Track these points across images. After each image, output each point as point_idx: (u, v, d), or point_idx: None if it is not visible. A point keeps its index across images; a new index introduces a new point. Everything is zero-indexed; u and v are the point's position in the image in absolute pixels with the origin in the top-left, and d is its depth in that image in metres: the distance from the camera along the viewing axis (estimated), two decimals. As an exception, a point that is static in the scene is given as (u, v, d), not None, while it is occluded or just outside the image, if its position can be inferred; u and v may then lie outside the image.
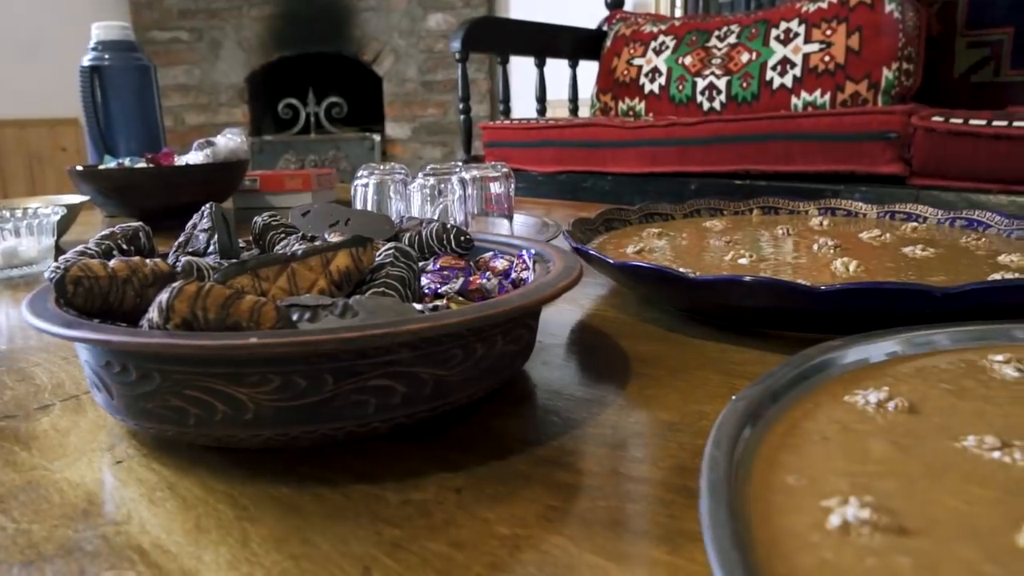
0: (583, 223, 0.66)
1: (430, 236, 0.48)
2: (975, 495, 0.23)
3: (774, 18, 1.89)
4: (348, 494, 0.30)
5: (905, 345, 0.36)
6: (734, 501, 0.22)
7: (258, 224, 0.49)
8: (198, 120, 3.40)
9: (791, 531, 0.21)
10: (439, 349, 0.32)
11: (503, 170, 0.73)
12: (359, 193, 0.72)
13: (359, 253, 0.38)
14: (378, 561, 0.25)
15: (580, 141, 1.75)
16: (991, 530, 0.21)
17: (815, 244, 0.60)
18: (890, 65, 1.66)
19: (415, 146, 3.38)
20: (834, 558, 0.20)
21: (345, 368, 0.31)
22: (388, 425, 0.33)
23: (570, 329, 0.52)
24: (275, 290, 0.37)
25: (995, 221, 0.66)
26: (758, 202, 0.79)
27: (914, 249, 0.58)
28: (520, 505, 0.28)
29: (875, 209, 0.75)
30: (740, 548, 0.19)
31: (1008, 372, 0.34)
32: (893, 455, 0.26)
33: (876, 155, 1.28)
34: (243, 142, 1.18)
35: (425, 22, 3.26)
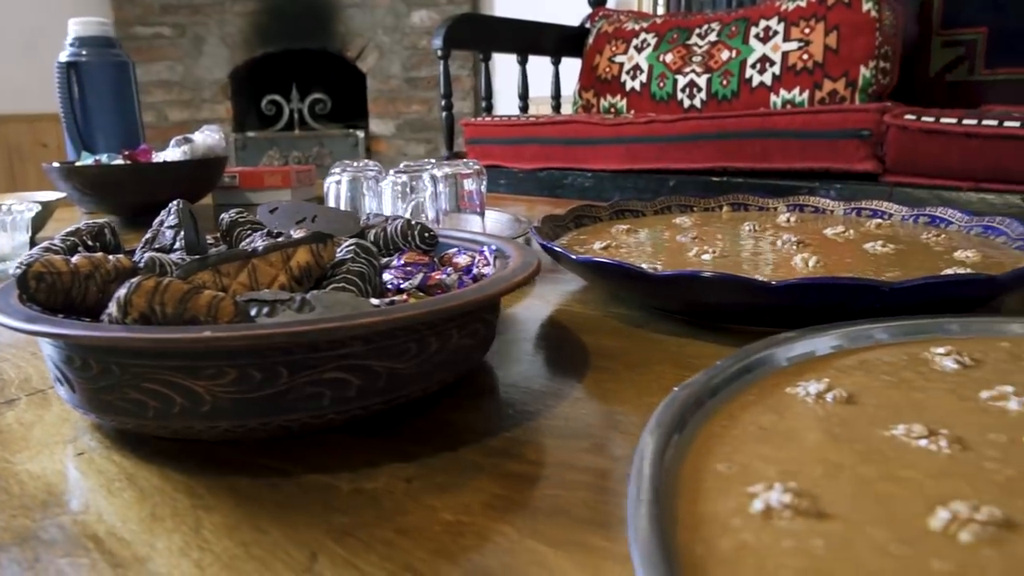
0: (553, 220, 0.67)
1: (395, 232, 0.49)
2: (896, 481, 0.24)
3: (754, 16, 1.90)
4: (302, 484, 0.30)
5: (850, 339, 0.37)
6: (662, 487, 0.23)
7: (225, 220, 0.50)
8: (181, 116, 3.39)
9: (714, 515, 0.22)
10: (393, 343, 0.33)
11: (475, 167, 0.74)
12: (332, 190, 0.73)
13: (319, 249, 0.39)
14: (325, 547, 0.26)
15: (560, 138, 1.76)
16: (906, 514, 0.22)
17: (779, 240, 0.61)
18: (867, 64, 1.67)
19: (399, 143, 3.38)
20: (753, 540, 0.21)
21: (299, 361, 0.31)
22: (343, 417, 0.33)
23: (536, 324, 0.53)
24: (236, 285, 0.38)
25: (956, 218, 0.68)
26: (728, 199, 0.80)
27: (875, 245, 0.59)
28: (467, 494, 0.29)
29: (842, 206, 0.77)
30: (659, 531, 0.20)
31: (948, 364, 0.35)
32: (824, 444, 0.27)
33: (850, 153, 1.30)
34: (221, 139, 1.18)
35: (409, 19, 3.26)
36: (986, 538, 0.21)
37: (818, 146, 1.33)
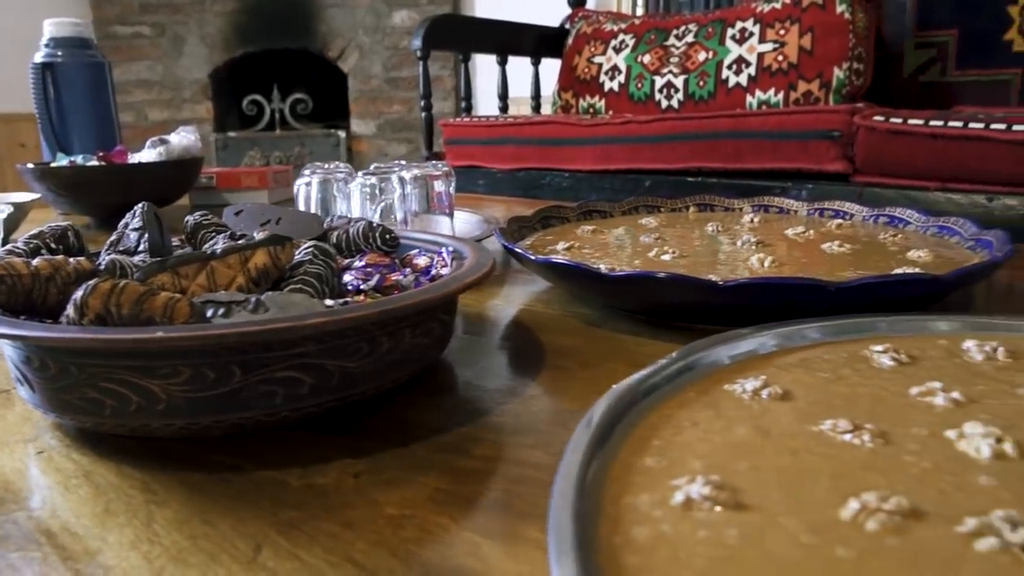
0: (519, 221, 0.68)
1: (357, 234, 0.50)
2: (816, 474, 0.25)
3: (730, 18, 1.92)
4: (254, 479, 0.31)
5: (786, 338, 0.38)
6: (591, 480, 0.24)
7: (190, 223, 0.51)
8: (161, 116, 3.38)
9: (637, 507, 0.23)
10: (345, 342, 0.34)
11: (444, 169, 0.75)
12: (302, 192, 0.74)
13: (277, 251, 0.40)
14: (270, 539, 0.27)
15: (538, 138, 1.77)
16: (820, 505, 0.23)
17: (739, 241, 0.63)
18: (841, 65, 1.69)
19: (380, 143, 3.38)
20: (670, 531, 0.22)
21: (252, 360, 0.32)
22: (297, 415, 0.34)
23: (498, 324, 0.54)
24: (194, 287, 0.38)
25: (914, 219, 0.69)
26: (695, 200, 0.82)
27: (832, 245, 0.60)
28: (413, 489, 0.30)
29: (805, 207, 0.78)
30: (578, 521, 0.21)
31: (885, 361, 0.36)
32: (753, 438, 0.28)
33: (821, 153, 1.31)
34: (197, 140, 1.18)
35: (390, 19, 3.26)
36: (891, 527, 0.22)
37: (790, 147, 1.35)
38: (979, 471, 0.25)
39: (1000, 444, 0.27)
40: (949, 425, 0.29)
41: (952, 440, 0.28)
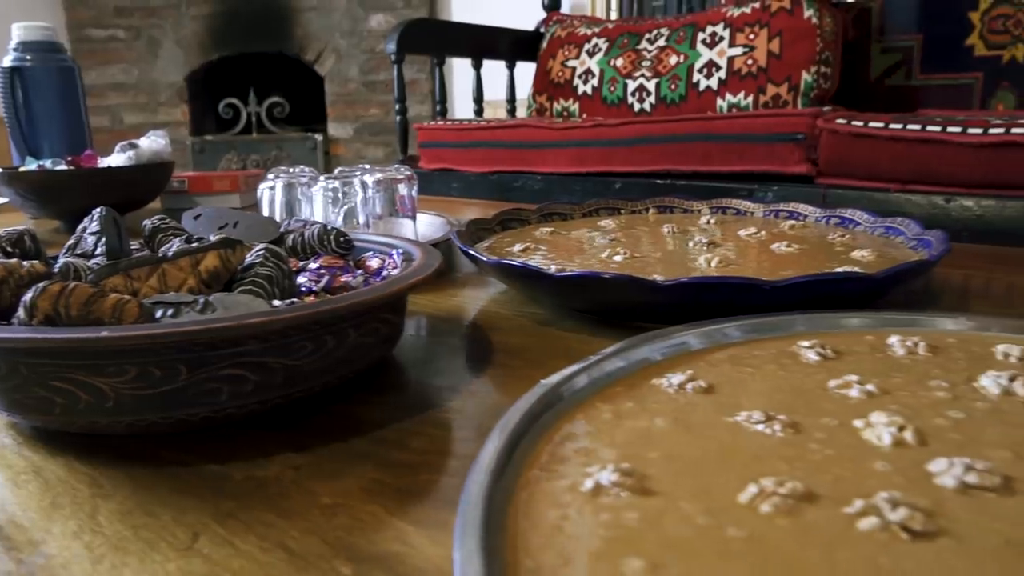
0: (479, 223, 0.70)
1: (312, 237, 0.51)
2: (723, 462, 0.27)
3: (701, 22, 1.94)
4: (198, 473, 0.32)
5: (714, 335, 0.39)
6: (508, 468, 0.26)
7: (148, 227, 0.52)
8: (137, 119, 3.37)
9: (549, 493, 0.25)
10: (288, 341, 0.35)
11: (407, 173, 0.76)
12: (265, 196, 0.75)
13: (227, 254, 0.41)
14: (209, 528, 0.28)
15: (510, 142, 1.78)
16: (721, 490, 0.25)
17: (691, 241, 0.64)
18: (809, 68, 1.72)
19: (358, 146, 3.39)
20: (575, 514, 0.23)
21: (197, 359, 0.33)
22: (242, 411, 0.35)
23: (451, 323, 0.55)
24: (146, 289, 0.39)
25: (864, 219, 0.71)
26: (654, 202, 0.83)
27: (780, 246, 0.62)
28: (349, 480, 0.31)
29: (761, 208, 0.80)
30: (488, 504, 0.22)
31: (811, 356, 0.38)
32: (668, 429, 0.29)
33: (786, 156, 1.34)
34: (167, 144, 1.19)
35: (367, 22, 3.27)
36: (784, 509, 0.23)
37: (756, 149, 1.37)
38: (877, 458, 0.27)
39: (901, 432, 0.28)
40: (858, 415, 0.30)
41: (859, 429, 0.29)
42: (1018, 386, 0.33)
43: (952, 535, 0.22)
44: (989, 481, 0.25)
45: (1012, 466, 0.26)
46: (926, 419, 0.30)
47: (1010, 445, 0.28)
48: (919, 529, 0.22)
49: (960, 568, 0.20)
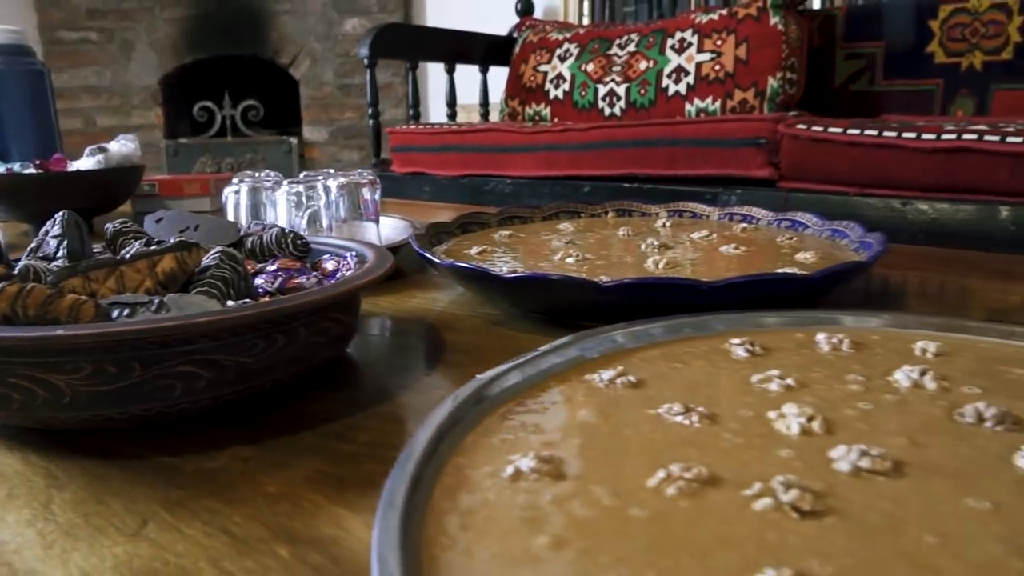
0: (438, 227, 0.71)
1: (270, 240, 0.53)
2: (639, 450, 0.29)
3: (670, 28, 1.97)
4: (151, 465, 0.34)
5: (640, 336, 0.41)
6: (437, 455, 0.27)
7: (110, 230, 0.53)
8: (110, 122, 3.35)
9: (472, 479, 0.26)
10: (239, 339, 0.37)
11: (370, 177, 0.78)
12: (230, 200, 0.76)
13: (184, 256, 0.43)
14: (157, 515, 0.29)
15: (481, 146, 1.80)
16: (632, 475, 0.27)
17: (644, 244, 0.66)
18: (775, 74, 1.75)
19: (333, 149, 3.39)
20: (493, 497, 0.25)
21: (150, 356, 0.35)
22: (195, 407, 0.37)
23: (407, 324, 0.57)
24: (104, 290, 0.41)
25: (812, 222, 0.73)
26: (613, 205, 0.85)
27: (729, 248, 0.64)
28: (294, 471, 0.33)
29: (717, 211, 0.82)
30: (410, 488, 0.24)
31: (740, 353, 0.40)
32: (592, 420, 0.31)
33: (749, 160, 1.37)
34: (137, 148, 1.20)
35: (341, 26, 3.27)
36: (688, 492, 0.25)
37: (720, 154, 1.40)
38: (784, 446, 0.29)
39: (809, 422, 0.31)
40: (773, 407, 0.32)
41: (771, 420, 0.31)
42: (927, 380, 0.35)
43: (838, 514, 0.24)
44: (880, 465, 0.27)
45: (906, 452, 0.28)
46: (837, 410, 0.32)
47: (908, 433, 0.30)
48: (808, 508, 0.24)
49: (838, 542, 0.22)
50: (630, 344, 0.41)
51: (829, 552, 0.22)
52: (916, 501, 0.25)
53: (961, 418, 0.31)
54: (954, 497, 0.25)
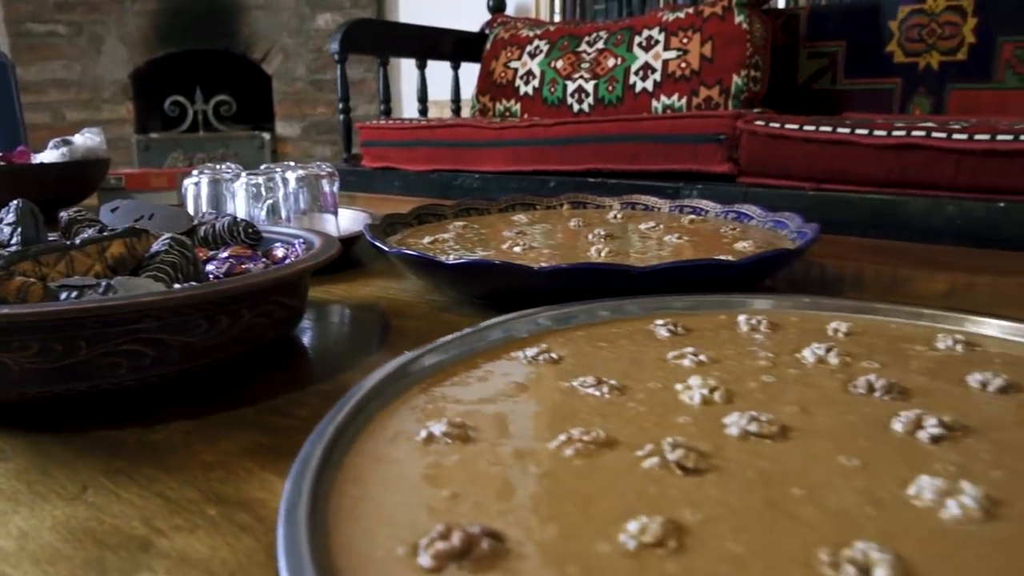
0: (394, 218, 0.73)
1: (222, 229, 0.54)
2: (547, 417, 0.31)
3: (638, 26, 2.00)
4: (96, 438, 0.36)
5: (560, 319, 0.44)
6: (357, 420, 0.29)
7: (64, 218, 0.54)
8: (79, 116, 3.33)
9: (388, 440, 0.28)
10: (183, 319, 0.38)
11: (328, 170, 0.80)
12: (190, 191, 0.77)
13: (133, 242, 0.44)
14: (97, 481, 0.31)
15: (450, 141, 1.82)
16: (536, 439, 0.29)
17: (591, 234, 0.68)
18: (739, 72, 1.78)
19: (305, 144, 3.39)
20: (405, 457, 0.27)
21: (96, 335, 0.37)
22: (141, 384, 0.39)
23: (357, 309, 0.59)
24: (54, 274, 0.42)
25: (756, 214, 0.76)
26: (568, 198, 0.88)
27: (672, 238, 0.67)
28: (232, 442, 0.35)
29: (668, 204, 0.85)
30: (329, 447, 0.26)
31: (662, 333, 0.42)
32: (506, 390, 0.34)
33: (709, 156, 1.39)
34: (102, 141, 1.21)
35: (314, 21, 3.28)
36: (584, 453, 0.27)
37: (681, 149, 1.43)
38: (682, 413, 0.31)
39: (711, 393, 0.33)
40: (682, 380, 0.34)
41: (677, 391, 0.33)
42: (831, 356, 0.38)
43: (719, 471, 0.26)
44: (767, 430, 0.29)
45: (795, 419, 0.31)
46: (741, 383, 0.35)
47: (802, 402, 0.32)
48: (691, 466, 0.26)
49: (712, 494, 0.25)
50: (556, 326, 0.43)
51: (702, 503, 0.24)
52: (793, 460, 0.27)
53: (854, 389, 0.34)
54: (829, 456, 0.27)
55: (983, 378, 0.35)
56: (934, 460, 0.27)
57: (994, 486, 0.25)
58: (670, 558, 0.21)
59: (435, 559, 0.21)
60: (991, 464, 0.27)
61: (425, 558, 0.21)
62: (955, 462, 0.27)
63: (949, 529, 0.23)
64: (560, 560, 0.21)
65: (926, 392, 0.34)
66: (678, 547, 0.22)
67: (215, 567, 0.25)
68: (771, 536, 0.22)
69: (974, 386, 0.34)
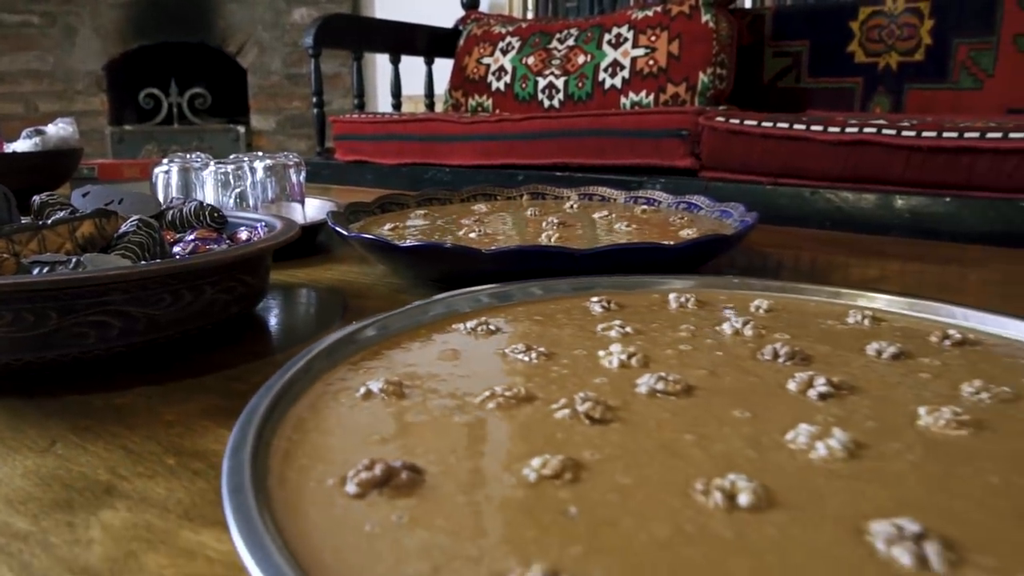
0: (358, 206, 0.76)
1: (189, 213, 0.57)
2: (475, 377, 0.34)
3: (607, 24, 2.03)
4: (64, 402, 0.39)
5: (519, 292, 0.47)
6: (304, 378, 0.32)
7: (36, 202, 0.57)
8: (53, 107, 3.32)
9: (330, 395, 0.32)
10: (147, 293, 0.41)
11: (295, 160, 0.82)
12: (160, 180, 0.80)
13: (102, 223, 0.47)
14: (66, 437, 0.34)
15: (421, 135, 1.85)
16: (464, 394, 0.32)
17: (545, 222, 0.72)
18: (705, 69, 1.82)
19: (280, 138, 3.40)
20: (345, 410, 0.30)
21: (66, 306, 0.39)
22: (109, 353, 0.42)
23: (319, 290, 0.62)
24: (26, 251, 0.45)
25: (705, 205, 0.80)
26: (528, 189, 0.91)
27: (622, 226, 0.70)
28: (192, 404, 0.38)
29: (624, 195, 0.88)
30: (275, 400, 0.29)
31: (596, 309, 0.46)
32: (446, 356, 0.37)
33: (672, 150, 1.43)
34: (75, 131, 1.22)
35: (290, 16, 3.29)
36: (506, 406, 0.31)
37: (645, 144, 1.46)
38: (601, 375, 0.35)
39: (630, 359, 0.36)
40: (605, 348, 0.38)
41: (600, 357, 0.37)
42: (747, 328, 0.41)
43: (623, 421, 0.30)
44: (673, 388, 0.33)
45: (702, 380, 0.34)
46: (659, 350, 0.38)
47: (710, 367, 0.36)
48: (598, 416, 0.30)
49: (612, 439, 0.28)
50: (495, 303, 0.46)
51: (602, 446, 0.28)
52: (692, 413, 0.31)
53: (761, 356, 0.37)
54: (724, 410, 0.31)
55: (879, 347, 0.38)
56: (817, 413, 0.31)
57: (864, 433, 0.29)
58: (564, 487, 0.24)
59: (359, 486, 0.24)
60: (867, 416, 0.31)
61: (351, 486, 0.24)
62: (835, 415, 0.31)
63: (814, 466, 0.26)
64: (468, 489, 0.24)
65: (826, 359, 0.38)
66: (573, 479, 0.25)
67: (171, 505, 0.28)
68: (657, 471, 0.26)
69: (870, 354, 0.38)
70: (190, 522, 0.27)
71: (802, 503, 0.24)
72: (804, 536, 0.22)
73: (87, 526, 0.27)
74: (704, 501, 0.24)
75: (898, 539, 0.21)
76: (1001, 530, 0.23)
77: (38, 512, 0.28)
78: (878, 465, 0.27)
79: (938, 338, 0.40)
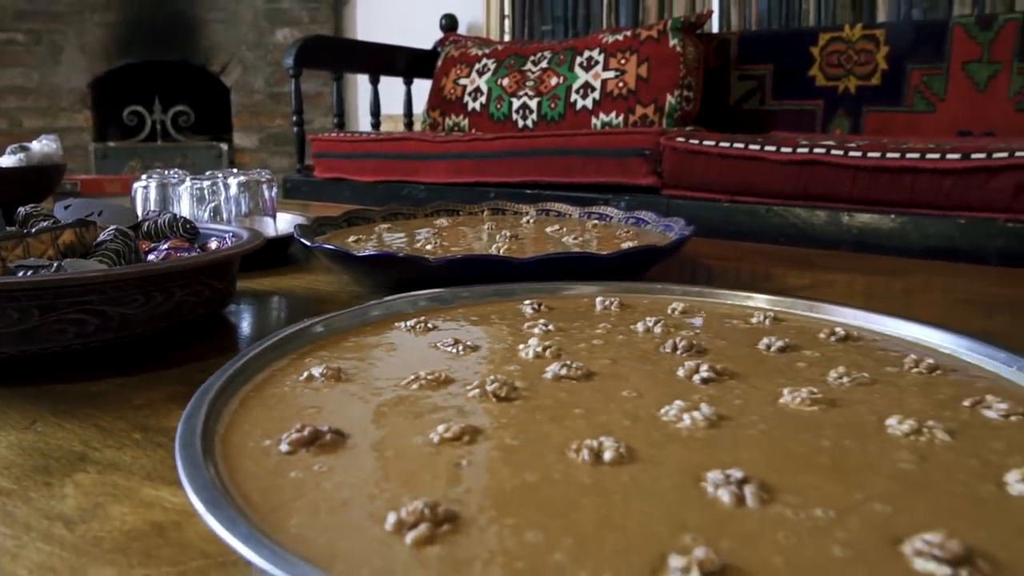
0: (324, 220, 0.81)
1: (163, 224, 0.62)
2: (409, 365, 0.39)
3: (579, 47, 2.10)
4: (46, 390, 0.43)
5: (447, 295, 0.52)
6: (255, 364, 0.37)
7: (21, 213, 0.62)
8: (37, 124, 3.36)
9: (277, 380, 0.37)
10: (122, 294, 0.46)
11: (267, 176, 0.87)
12: (139, 195, 0.85)
13: (82, 231, 0.52)
14: (44, 418, 0.39)
15: (397, 153, 1.90)
16: (395, 380, 0.37)
17: (499, 235, 0.77)
18: (673, 92, 1.89)
19: (263, 156, 3.45)
20: (288, 392, 0.35)
21: (47, 305, 0.44)
22: (86, 348, 0.46)
23: (285, 297, 0.67)
24: (12, 257, 0.50)
25: (652, 219, 0.85)
26: (489, 204, 0.96)
27: (570, 238, 0.76)
28: (159, 391, 0.43)
29: (579, 211, 0.94)
30: (227, 382, 0.34)
31: (527, 310, 0.51)
32: (384, 348, 0.42)
33: (635, 169, 1.49)
34: (59, 148, 1.27)
35: (273, 35, 3.35)
36: (426, 386, 0.36)
37: (610, 163, 1.52)
38: (515, 364, 0.40)
39: (544, 351, 0.41)
40: (524, 342, 0.43)
41: (519, 350, 0.42)
42: (658, 327, 0.47)
43: (526, 400, 0.35)
44: (575, 374, 0.38)
45: (604, 368, 0.39)
46: (573, 345, 0.43)
47: (615, 358, 0.41)
48: (503, 395, 0.35)
49: (511, 413, 0.33)
50: (433, 305, 0.51)
51: (501, 418, 0.33)
52: (586, 394, 0.36)
53: (663, 349, 0.43)
54: (615, 392, 0.36)
55: (769, 341, 0.44)
56: (695, 393, 0.36)
57: (728, 408, 0.34)
58: (461, 447, 0.30)
59: (290, 445, 0.29)
60: (737, 396, 0.36)
61: (283, 445, 0.29)
62: (710, 395, 0.36)
63: (678, 434, 0.32)
64: (382, 448, 0.30)
65: (719, 351, 0.43)
66: (470, 440, 0.30)
67: (135, 469, 0.33)
68: (542, 436, 0.31)
69: (760, 348, 0.43)
70: (151, 482, 0.32)
71: (657, 459, 0.29)
72: (650, 483, 0.27)
73: (62, 485, 0.32)
74: (575, 457, 0.29)
75: (724, 483, 0.26)
76: (814, 478, 0.28)
77: (20, 475, 0.33)
78: (733, 432, 0.32)
79: (826, 335, 0.46)
